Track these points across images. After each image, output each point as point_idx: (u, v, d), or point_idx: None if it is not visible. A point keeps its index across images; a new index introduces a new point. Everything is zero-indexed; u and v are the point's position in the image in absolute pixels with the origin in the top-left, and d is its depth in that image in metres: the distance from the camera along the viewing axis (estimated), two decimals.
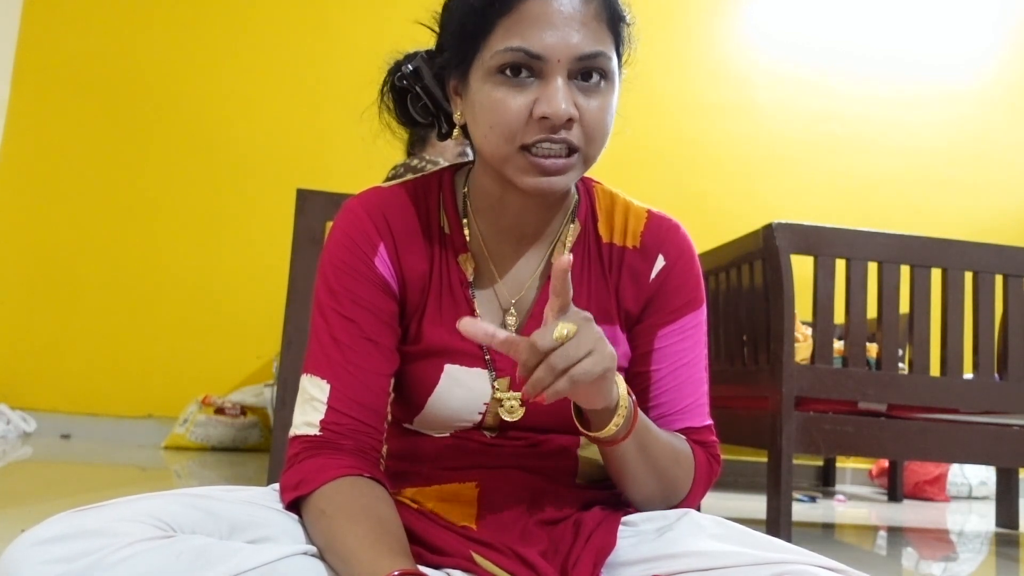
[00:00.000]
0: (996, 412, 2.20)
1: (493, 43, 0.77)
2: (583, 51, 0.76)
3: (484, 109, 0.78)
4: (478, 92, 0.79)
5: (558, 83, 0.76)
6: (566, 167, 0.78)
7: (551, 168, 0.77)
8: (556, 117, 0.75)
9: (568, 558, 0.79)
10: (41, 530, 0.65)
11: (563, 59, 0.76)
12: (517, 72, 0.76)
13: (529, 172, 0.78)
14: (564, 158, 0.77)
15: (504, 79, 0.77)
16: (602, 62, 0.78)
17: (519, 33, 0.76)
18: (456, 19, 0.81)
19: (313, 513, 0.76)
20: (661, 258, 0.89)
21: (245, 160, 3.70)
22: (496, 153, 0.79)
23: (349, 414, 0.81)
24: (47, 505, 1.85)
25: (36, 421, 3.46)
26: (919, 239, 2.13)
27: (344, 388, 0.81)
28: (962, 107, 4.14)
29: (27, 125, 3.65)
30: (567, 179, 0.79)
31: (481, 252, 0.88)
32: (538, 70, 0.76)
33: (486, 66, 0.78)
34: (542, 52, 0.75)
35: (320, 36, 3.80)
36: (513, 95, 0.76)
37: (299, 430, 0.82)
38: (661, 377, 0.89)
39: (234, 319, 3.60)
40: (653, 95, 3.83)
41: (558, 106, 0.75)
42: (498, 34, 0.77)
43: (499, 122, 0.77)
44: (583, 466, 0.89)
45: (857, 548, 2.18)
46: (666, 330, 0.89)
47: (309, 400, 0.82)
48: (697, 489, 0.89)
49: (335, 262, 0.85)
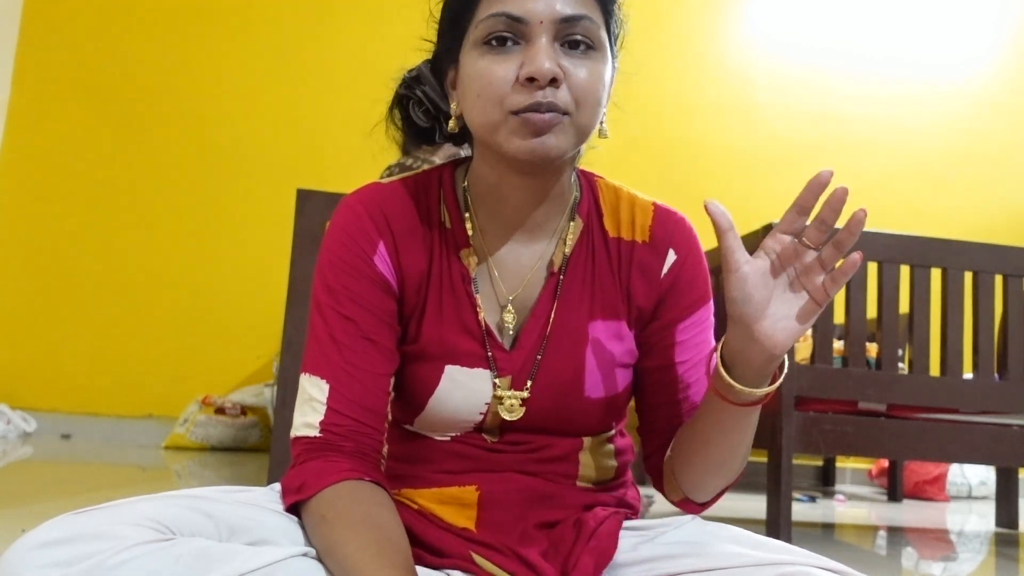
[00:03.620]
0: (996, 412, 2.20)
1: (478, 16, 0.78)
2: (565, 13, 0.76)
3: (472, 79, 0.79)
4: (467, 67, 0.80)
5: (542, 42, 0.76)
6: (555, 122, 0.76)
7: (540, 124, 0.76)
8: (540, 75, 0.74)
9: (569, 558, 0.79)
10: (40, 533, 0.64)
11: (545, 20, 0.76)
12: (503, 43, 0.77)
13: (519, 133, 0.76)
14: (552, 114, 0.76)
15: (489, 49, 0.77)
16: (587, 27, 0.77)
17: (501, 1, 0.77)
18: (445, 9, 0.83)
19: (314, 519, 0.75)
20: (672, 252, 0.89)
21: (245, 160, 3.70)
22: (486, 121, 0.78)
23: (349, 415, 0.81)
24: (47, 505, 1.85)
25: (36, 421, 3.46)
26: (919, 239, 2.13)
27: (343, 389, 0.81)
28: (962, 107, 4.14)
29: (27, 125, 3.65)
30: (559, 140, 0.77)
31: (482, 247, 0.87)
32: (522, 34, 0.77)
33: (472, 41, 0.79)
34: (523, 14, 0.76)
35: (319, 36, 3.79)
36: (499, 61, 0.77)
37: (299, 431, 0.82)
38: (687, 369, 0.90)
39: (234, 319, 3.60)
40: (653, 95, 3.83)
41: (541, 63, 0.74)
42: (482, 6, 0.78)
43: (485, 87, 0.77)
44: (584, 469, 0.88)
45: (857, 548, 2.18)
46: (684, 324, 0.89)
47: (308, 400, 0.82)
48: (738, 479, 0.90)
49: (333, 260, 0.84)
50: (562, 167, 0.84)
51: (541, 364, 0.85)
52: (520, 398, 0.84)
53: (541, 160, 0.78)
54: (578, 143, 0.80)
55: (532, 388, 0.84)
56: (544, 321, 0.86)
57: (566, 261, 0.87)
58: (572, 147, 0.79)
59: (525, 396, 0.84)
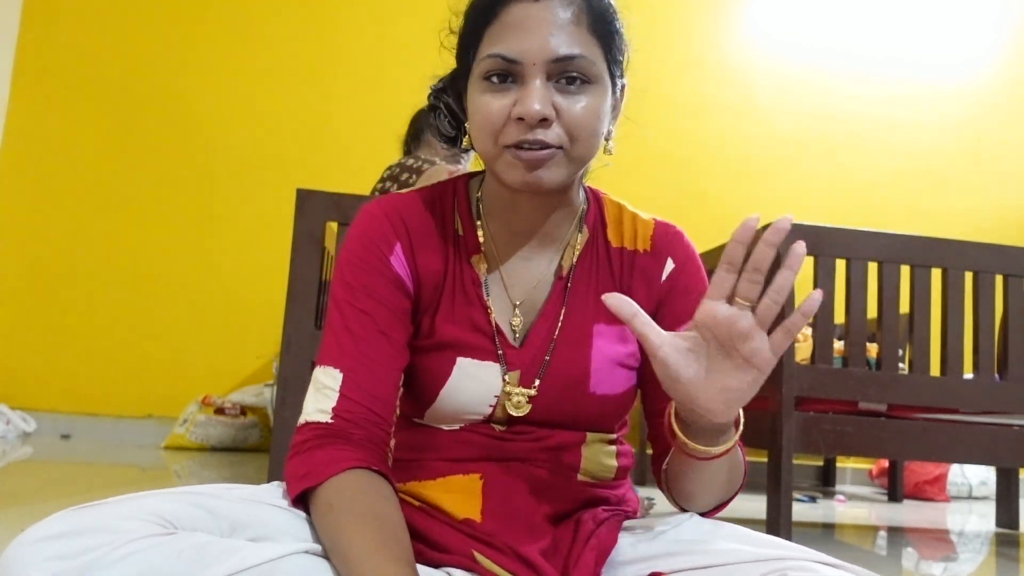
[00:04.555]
0: (996, 412, 2.20)
1: (480, 52, 0.82)
2: (558, 54, 0.79)
3: (473, 113, 0.84)
4: (471, 99, 0.84)
5: (535, 84, 0.79)
6: (546, 159, 0.80)
7: (532, 161, 0.80)
8: (528, 116, 0.78)
9: (569, 558, 0.80)
10: (42, 527, 0.65)
11: (538, 62, 0.79)
12: (503, 79, 0.81)
13: (514, 168, 0.81)
14: (544, 151, 0.80)
15: (489, 85, 0.81)
16: (581, 64, 0.80)
17: (499, 40, 0.80)
18: (459, 35, 0.87)
19: (321, 506, 0.76)
20: (670, 260, 0.93)
21: (245, 160, 3.71)
22: (485, 153, 0.83)
23: (360, 402, 0.82)
24: (47, 505, 1.86)
25: (36, 421, 3.46)
26: (919, 239, 2.13)
27: (357, 378, 0.83)
28: (962, 107, 4.15)
29: (27, 125, 3.66)
30: (552, 173, 0.81)
31: (493, 254, 0.91)
32: (518, 74, 0.80)
33: (476, 74, 0.83)
34: (516, 56, 0.79)
35: (320, 37, 3.80)
36: (496, 98, 0.81)
37: (311, 417, 0.83)
38: None
39: (234, 319, 3.60)
40: (653, 95, 3.83)
41: (531, 106, 0.78)
42: (484, 43, 0.82)
43: (482, 121, 0.81)
44: (585, 463, 0.90)
45: (857, 548, 2.18)
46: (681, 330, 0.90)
47: (321, 389, 0.84)
48: (738, 491, 0.91)
49: (352, 259, 0.88)
50: (567, 186, 0.87)
51: (550, 363, 0.88)
52: (527, 395, 0.87)
53: (537, 190, 0.82)
54: (575, 172, 0.84)
55: (540, 386, 0.87)
56: (552, 322, 0.90)
57: (573, 268, 0.91)
58: (567, 177, 0.83)
59: (532, 394, 0.87)
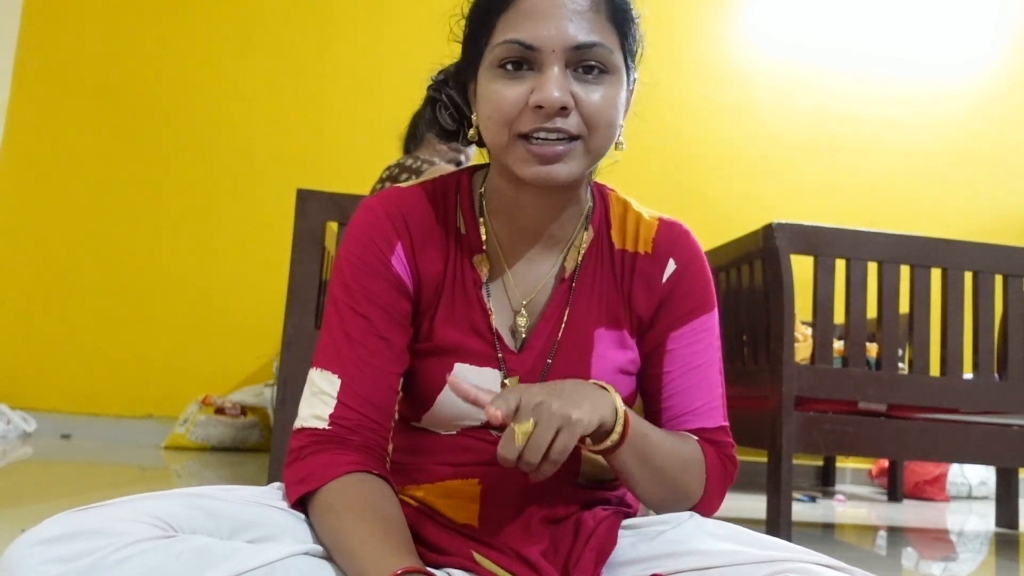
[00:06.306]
0: (996, 412, 2.20)
1: (494, 40, 0.79)
2: (578, 41, 0.77)
3: (484, 101, 0.80)
4: (482, 88, 0.81)
5: (553, 72, 0.77)
6: (564, 153, 0.78)
7: (548, 155, 0.77)
8: (548, 104, 0.76)
9: (569, 558, 0.79)
10: (41, 530, 0.65)
11: (558, 49, 0.77)
12: (519, 67, 0.78)
13: (528, 162, 0.78)
14: (562, 144, 0.78)
15: (503, 72, 0.78)
16: (600, 53, 0.78)
17: (515, 27, 0.78)
18: (467, 24, 0.84)
19: (321, 509, 0.76)
20: (672, 262, 0.90)
21: (245, 160, 3.70)
22: (495, 142, 0.80)
23: (358, 410, 0.82)
24: (47, 505, 1.85)
25: (36, 421, 3.46)
26: (919, 239, 2.13)
27: (354, 384, 0.82)
28: (962, 107, 4.14)
29: (27, 125, 3.65)
30: (568, 167, 0.79)
31: (496, 253, 0.89)
32: (535, 62, 0.78)
33: (488, 62, 0.80)
34: (536, 43, 0.77)
35: (320, 37, 3.79)
36: (511, 85, 0.78)
37: (306, 422, 0.82)
38: (672, 379, 0.90)
39: (234, 319, 3.60)
40: (653, 95, 3.82)
41: (550, 93, 0.76)
42: (498, 30, 0.79)
43: (495, 110, 0.78)
44: (586, 466, 0.89)
45: (857, 548, 2.18)
46: (677, 332, 0.90)
47: (318, 393, 0.83)
48: (712, 493, 0.89)
49: (352, 259, 0.86)
50: (578, 182, 0.85)
51: (551, 369, 0.87)
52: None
53: (549, 184, 0.79)
54: (590, 164, 0.82)
55: None
56: (555, 325, 0.88)
57: (578, 269, 0.89)
58: (583, 170, 0.81)
59: None
